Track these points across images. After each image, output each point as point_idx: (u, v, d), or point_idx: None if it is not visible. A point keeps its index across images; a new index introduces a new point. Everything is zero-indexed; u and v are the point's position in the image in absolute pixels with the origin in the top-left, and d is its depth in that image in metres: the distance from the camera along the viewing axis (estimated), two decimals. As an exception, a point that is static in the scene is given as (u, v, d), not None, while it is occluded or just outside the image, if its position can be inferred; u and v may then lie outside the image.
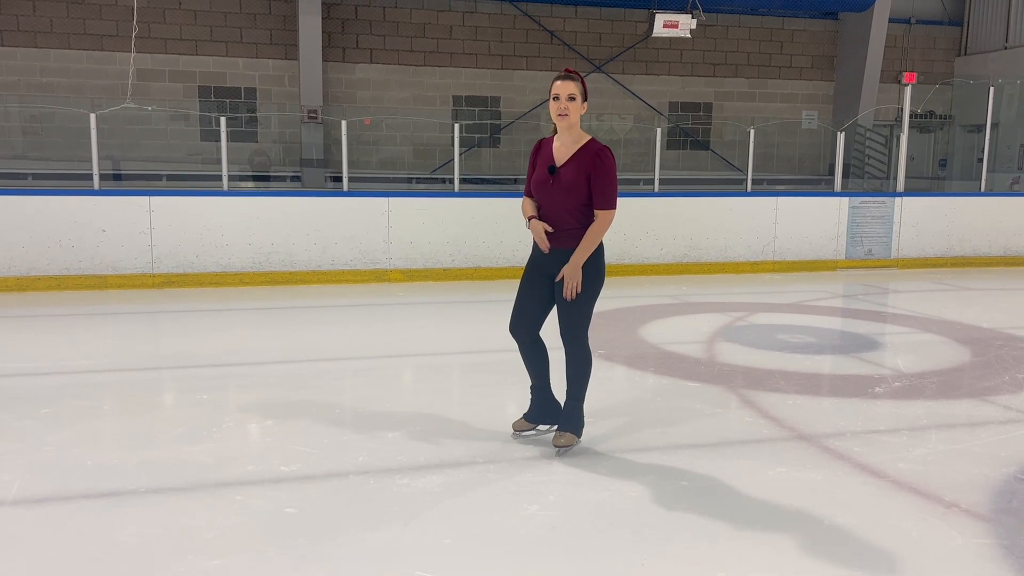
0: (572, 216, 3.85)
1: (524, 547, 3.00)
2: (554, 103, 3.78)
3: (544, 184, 3.87)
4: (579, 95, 3.76)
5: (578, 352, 3.93)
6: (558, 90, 3.75)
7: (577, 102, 3.76)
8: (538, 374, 4.11)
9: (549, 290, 3.96)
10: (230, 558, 2.87)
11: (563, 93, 3.74)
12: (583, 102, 3.78)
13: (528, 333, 4.05)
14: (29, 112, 11.53)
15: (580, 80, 3.82)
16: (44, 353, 6.00)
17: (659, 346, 6.28)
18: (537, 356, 4.09)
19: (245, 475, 3.65)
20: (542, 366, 4.11)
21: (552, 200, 3.86)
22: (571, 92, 3.74)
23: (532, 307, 4.02)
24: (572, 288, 3.77)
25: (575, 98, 3.75)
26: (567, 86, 3.75)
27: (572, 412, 3.98)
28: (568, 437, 3.94)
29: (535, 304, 4.01)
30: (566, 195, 3.81)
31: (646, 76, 14.48)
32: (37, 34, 11.73)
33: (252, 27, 12.62)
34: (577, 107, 3.76)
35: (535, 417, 4.16)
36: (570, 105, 3.74)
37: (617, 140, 14.33)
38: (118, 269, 8.56)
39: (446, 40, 13.53)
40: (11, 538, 3.02)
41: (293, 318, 7.49)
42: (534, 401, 4.15)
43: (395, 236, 9.44)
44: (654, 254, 10.23)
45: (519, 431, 4.19)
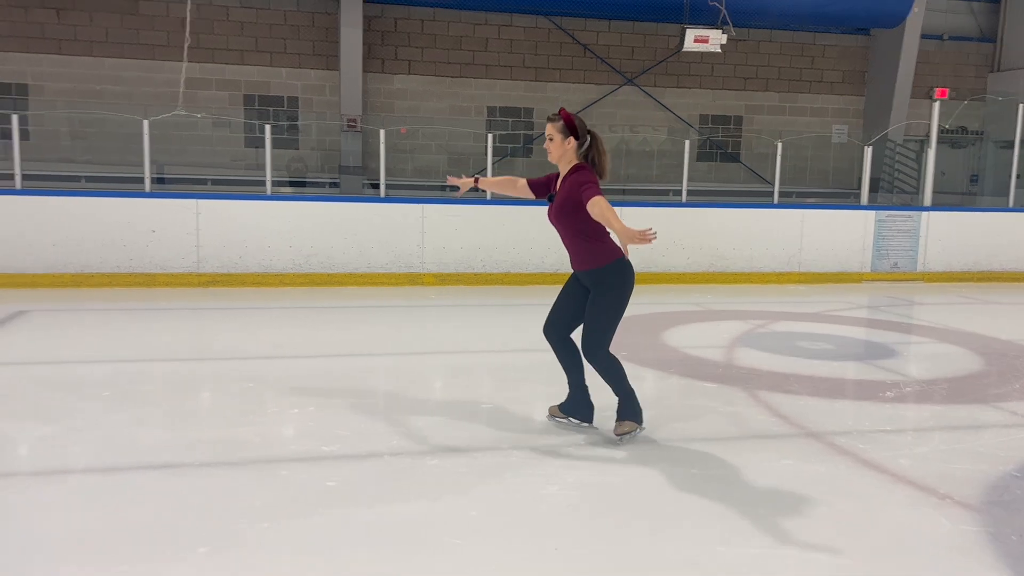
0: (579, 237, 4.20)
1: (544, 522, 3.28)
2: (547, 143, 4.18)
3: (550, 213, 4.31)
4: (557, 134, 4.10)
5: (600, 363, 4.24)
6: (547, 131, 4.18)
7: (556, 141, 4.12)
8: (569, 372, 4.45)
9: (583, 301, 4.27)
10: (277, 522, 3.19)
11: (546, 134, 4.19)
12: (566, 138, 4.12)
13: (557, 334, 4.40)
14: (84, 118, 12.08)
15: (564, 119, 4.16)
16: (100, 344, 6.42)
17: (681, 350, 6.52)
18: (567, 356, 4.43)
19: (288, 454, 3.98)
20: (573, 365, 4.43)
21: (558, 225, 4.27)
22: (549, 133, 4.14)
23: (565, 313, 4.38)
24: (648, 236, 3.67)
25: (552, 138, 4.12)
26: (547, 128, 4.16)
27: (624, 404, 4.28)
28: (626, 425, 4.23)
29: (568, 311, 4.37)
30: (564, 219, 4.18)
31: (677, 89, 14.72)
32: (93, 44, 12.30)
33: (296, 38, 13.09)
34: (557, 145, 4.12)
35: (566, 408, 4.53)
36: (549, 145, 4.15)
37: (649, 152, 14.58)
38: (166, 268, 9.00)
39: (482, 52, 13.90)
40: (84, 501, 3.37)
41: (331, 317, 7.85)
42: (568, 394, 4.50)
43: (429, 241, 9.79)
44: (680, 263, 10.46)
45: (552, 416, 4.59)
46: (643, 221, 10.36)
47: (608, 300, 4.14)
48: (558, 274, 10.13)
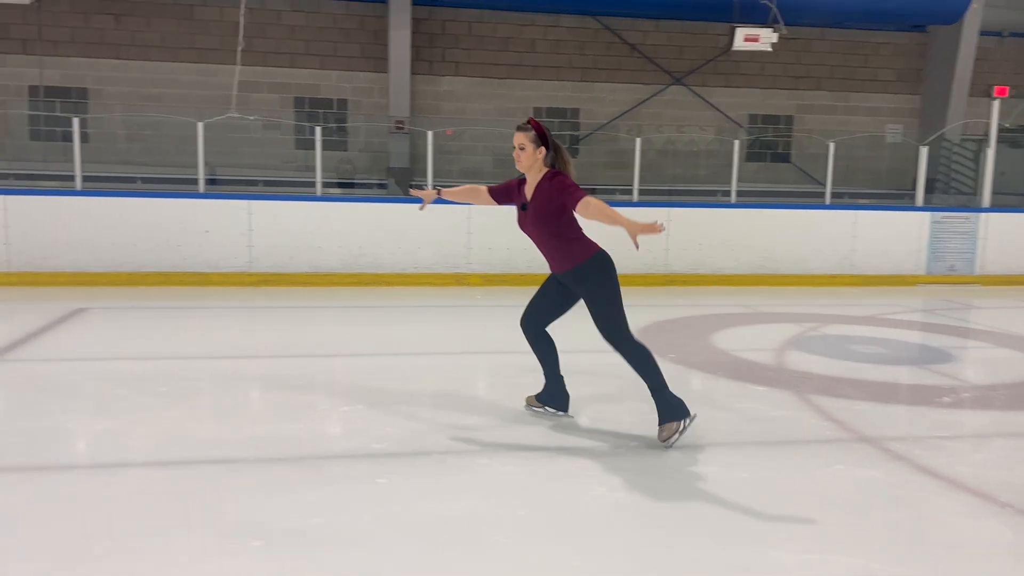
0: (555, 239, 4.30)
1: (592, 523, 3.27)
2: (515, 151, 4.24)
3: (523, 221, 4.37)
4: (529, 143, 4.17)
5: (629, 351, 4.25)
6: (515, 140, 4.22)
7: (527, 150, 4.18)
8: (545, 363, 4.61)
9: (560, 298, 4.46)
10: (328, 518, 3.23)
11: (515, 143, 4.22)
12: (537, 148, 4.18)
13: (533, 329, 4.59)
14: (141, 121, 12.39)
15: (533, 129, 4.21)
16: (156, 341, 6.57)
17: (730, 352, 6.45)
18: (542, 347, 4.62)
19: (340, 450, 4.04)
20: (549, 356, 4.61)
21: (533, 233, 4.34)
22: (520, 143, 4.19)
23: (542, 309, 4.56)
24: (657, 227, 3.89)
25: (524, 147, 4.18)
26: (517, 137, 4.20)
27: (661, 403, 4.24)
28: (668, 428, 4.18)
29: (545, 307, 4.56)
30: (542, 225, 4.26)
31: (726, 89, 14.54)
32: (150, 48, 12.61)
33: (345, 42, 13.26)
34: (527, 155, 4.19)
35: (543, 398, 4.67)
36: (520, 154, 4.20)
37: (697, 152, 14.44)
38: (219, 268, 9.18)
39: (529, 53, 13.91)
40: (142, 495, 3.46)
41: (379, 316, 7.93)
42: (544, 385, 4.64)
43: (475, 242, 9.83)
44: (729, 265, 10.35)
45: (529, 406, 4.73)
46: (691, 221, 10.31)
47: (604, 293, 4.23)
48: (605, 275, 10.09)
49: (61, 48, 12.43)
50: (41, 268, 8.84)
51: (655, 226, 3.76)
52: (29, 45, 12.30)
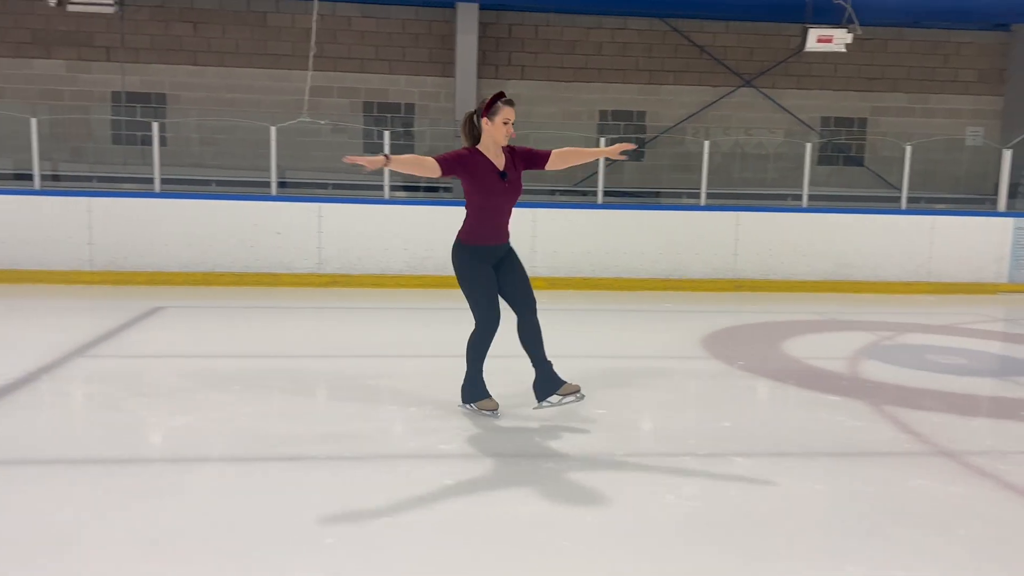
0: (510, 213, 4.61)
1: (660, 531, 3.23)
2: (505, 127, 4.38)
3: (500, 190, 4.45)
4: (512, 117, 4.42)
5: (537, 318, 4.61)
6: (511, 116, 4.38)
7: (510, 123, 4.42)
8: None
9: (496, 276, 4.61)
10: (398, 516, 3.26)
11: (511, 118, 4.39)
12: None
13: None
14: (215, 125, 12.74)
15: None
16: (230, 339, 6.75)
17: (802, 360, 6.30)
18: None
19: (409, 450, 4.07)
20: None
21: (508, 203, 4.52)
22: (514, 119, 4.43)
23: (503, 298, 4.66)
24: (628, 145, 4.47)
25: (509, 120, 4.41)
26: (512, 112, 4.41)
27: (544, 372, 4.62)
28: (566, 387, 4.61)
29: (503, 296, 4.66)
30: (515, 194, 4.54)
31: (797, 91, 14.22)
32: (225, 55, 12.96)
33: (414, 46, 13.40)
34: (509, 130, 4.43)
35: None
36: (511, 128, 4.44)
37: (765, 155, 14.16)
38: (290, 268, 9.38)
39: (595, 56, 13.84)
40: (217, 490, 3.55)
41: (445, 318, 7.97)
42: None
43: (540, 246, 9.83)
44: (800, 271, 10.12)
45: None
46: (760, 226, 10.11)
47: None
48: (669, 280, 9.98)
49: (142, 55, 12.86)
50: (122, 267, 9.16)
51: (626, 145, 4.28)
52: (112, 53, 12.77)
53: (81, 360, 5.72)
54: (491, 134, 4.43)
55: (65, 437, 4.19)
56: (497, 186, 4.46)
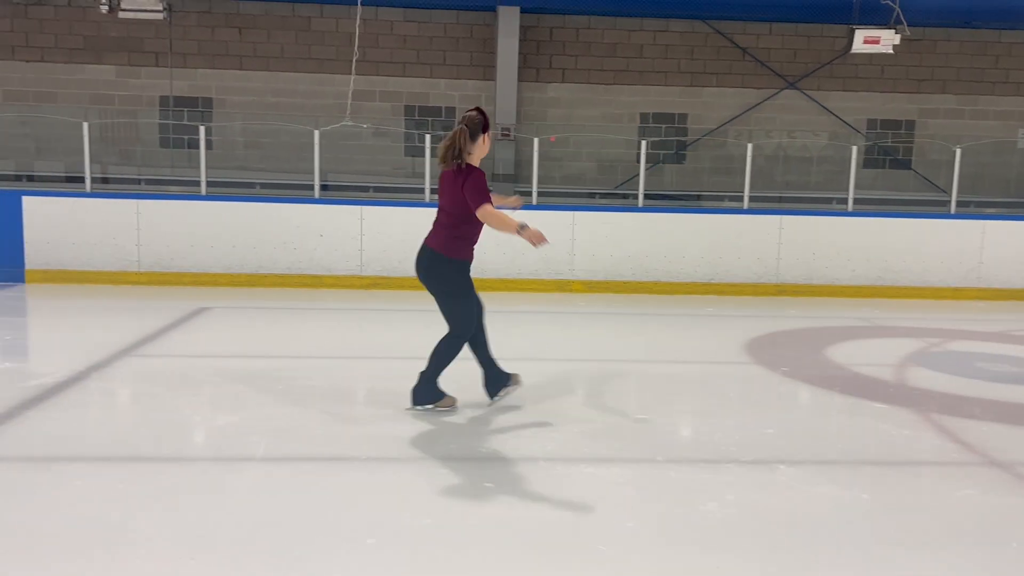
0: None
1: (701, 538, 3.19)
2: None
3: None
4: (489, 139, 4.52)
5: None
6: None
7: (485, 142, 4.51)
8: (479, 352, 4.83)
9: None
10: (438, 518, 3.27)
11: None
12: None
13: None
14: (260, 128, 12.94)
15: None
16: (273, 340, 6.83)
17: (846, 367, 6.19)
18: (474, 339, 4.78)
19: (447, 452, 4.09)
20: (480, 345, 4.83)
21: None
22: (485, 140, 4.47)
23: None
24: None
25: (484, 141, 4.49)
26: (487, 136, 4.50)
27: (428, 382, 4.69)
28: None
29: None
30: None
31: (843, 93, 13.99)
32: (270, 59, 13.16)
33: (455, 50, 13.47)
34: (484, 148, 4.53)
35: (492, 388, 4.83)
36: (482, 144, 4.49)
37: (809, 158, 13.96)
38: (332, 270, 9.49)
39: (636, 59, 13.77)
40: (261, 489, 3.59)
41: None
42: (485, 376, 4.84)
43: (579, 249, 9.81)
44: (845, 275, 9.96)
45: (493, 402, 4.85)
46: (804, 229, 9.98)
47: None
48: (711, 284, 9.89)
49: (189, 60, 13.11)
50: (168, 268, 9.34)
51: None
52: (161, 58, 13.04)
53: (129, 359, 5.85)
54: (484, 150, 4.50)
55: (112, 435, 4.28)
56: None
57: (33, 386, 5.02)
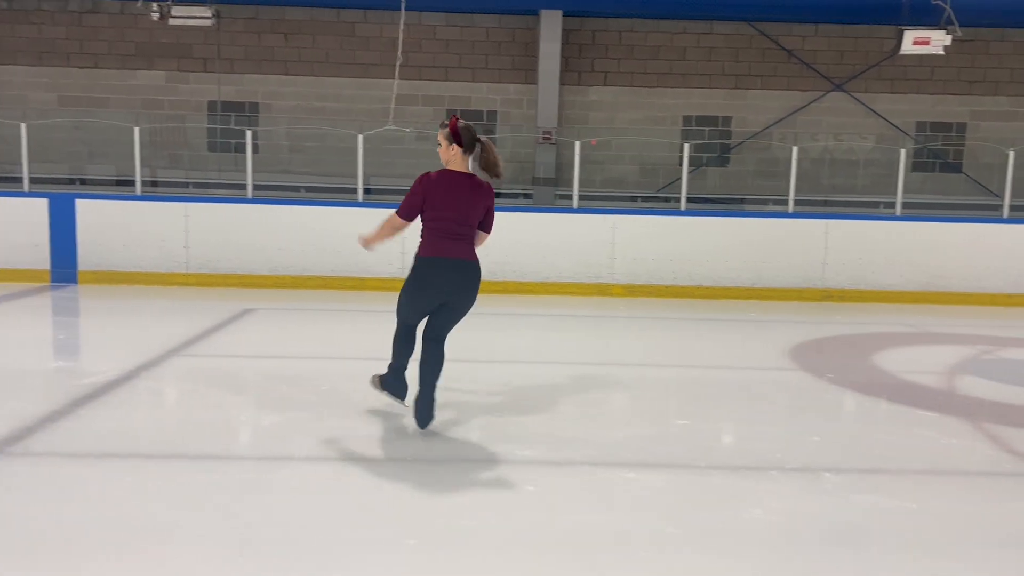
0: None
1: (745, 545, 3.16)
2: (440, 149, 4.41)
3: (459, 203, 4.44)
4: (443, 141, 4.36)
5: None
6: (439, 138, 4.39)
7: (443, 147, 4.37)
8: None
9: None
10: (479, 520, 3.28)
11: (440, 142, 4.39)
12: (449, 145, 4.35)
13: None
14: (305, 133, 13.12)
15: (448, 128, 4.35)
16: (317, 341, 6.92)
17: (894, 374, 6.07)
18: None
19: (489, 455, 4.10)
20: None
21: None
22: (439, 140, 4.38)
23: None
24: None
25: (440, 144, 4.38)
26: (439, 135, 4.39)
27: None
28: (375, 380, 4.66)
29: None
30: None
31: (891, 95, 13.74)
32: (315, 64, 13.35)
33: (496, 54, 13.53)
34: (442, 151, 4.38)
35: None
36: (439, 150, 4.41)
37: (856, 161, 13.73)
38: (374, 273, 9.58)
39: (679, 62, 13.68)
40: (302, 488, 3.64)
41: (522, 325, 8.00)
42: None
43: (619, 252, 9.76)
44: (892, 281, 9.77)
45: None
46: (850, 234, 9.81)
47: None
48: (754, 288, 9.77)
49: (236, 65, 13.36)
50: (215, 270, 9.52)
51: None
52: (209, 63, 13.31)
53: (176, 359, 5.96)
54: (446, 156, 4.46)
55: (160, 433, 4.37)
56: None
57: (85, 384, 5.15)
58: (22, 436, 4.16)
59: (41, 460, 3.89)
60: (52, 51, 13.17)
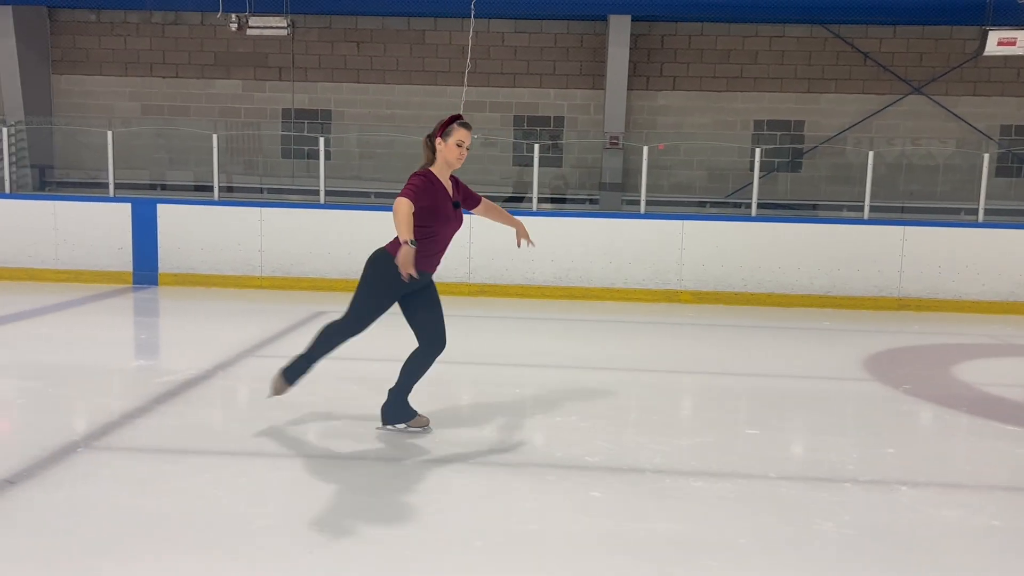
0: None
1: (816, 558, 3.08)
2: (459, 149, 4.15)
3: (452, 218, 4.27)
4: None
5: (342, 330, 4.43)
6: (466, 139, 4.16)
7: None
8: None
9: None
10: (545, 524, 3.29)
11: (468, 142, 4.17)
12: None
13: None
14: (375, 139, 13.36)
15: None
16: (385, 344, 6.99)
17: (974, 386, 5.85)
18: None
19: (555, 460, 4.10)
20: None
21: (453, 231, 4.34)
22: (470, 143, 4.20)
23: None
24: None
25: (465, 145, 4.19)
26: (469, 136, 4.18)
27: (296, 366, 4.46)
28: (277, 382, 4.37)
29: None
30: (459, 226, 4.38)
31: (973, 98, 13.25)
32: (386, 72, 13.59)
33: (564, 60, 13.54)
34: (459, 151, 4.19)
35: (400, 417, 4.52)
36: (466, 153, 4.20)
37: (935, 166, 13.29)
38: (441, 278, 9.62)
39: (750, 65, 13.47)
40: (371, 487, 3.70)
41: (588, 330, 7.98)
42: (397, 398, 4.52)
43: (688, 258, 9.65)
44: (974, 290, 9.41)
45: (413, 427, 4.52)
46: (929, 241, 9.48)
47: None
48: (827, 296, 9.54)
49: (310, 74, 13.69)
50: (288, 274, 9.76)
51: (527, 237, 4.83)
52: (284, 72, 13.68)
53: (251, 359, 6.14)
54: (444, 156, 4.20)
55: (236, 430, 4.50)
56: (452, 214, 4.27)
57: (165, 382, 5.34)
58: (105, 431, 4.34)
59: (122, 454, 4.05)
60: (136, 62, 13.73)
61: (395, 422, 4.48)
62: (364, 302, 4.35)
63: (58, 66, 13.83)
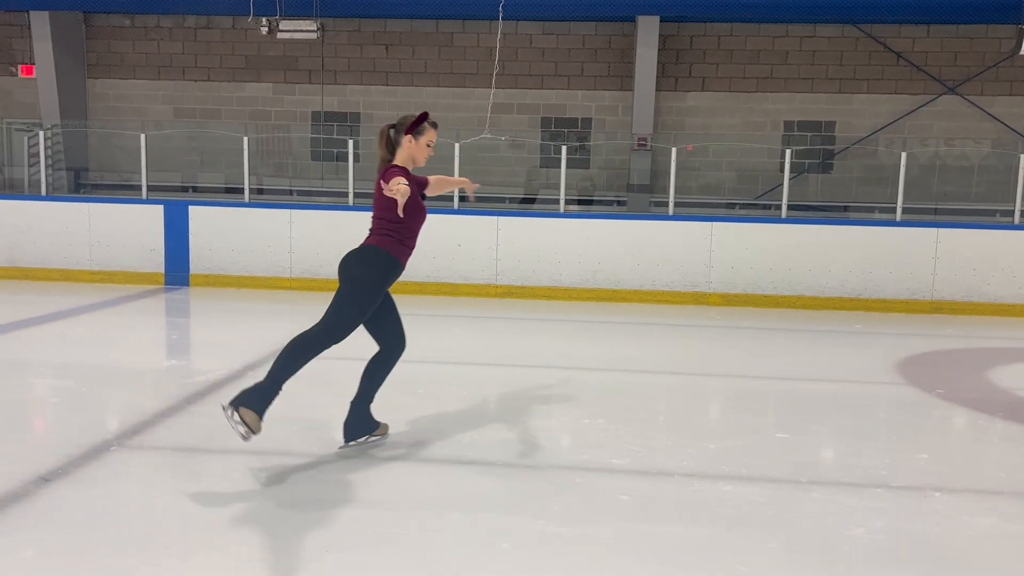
0: None
1: (848, 563, 3.04)
2: (428, 149, 4.13)
3: (422, 210, 4.25)
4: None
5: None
6: (434, 139, 4.14)
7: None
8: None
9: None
10: (573, 528, 3.27)
11: (434, 142, 4.16)
12: None
13: None
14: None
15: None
16: (412, 346, 7.02)
17: (1011, 391, 5.75)
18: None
19: (582, 462, 4.08)
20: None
21: (422, 223, 4.34)
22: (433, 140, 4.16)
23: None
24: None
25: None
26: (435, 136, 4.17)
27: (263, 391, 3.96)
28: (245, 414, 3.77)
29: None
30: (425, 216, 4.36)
31: (1010, 97, 13.03)
32: (414, 75, 13.66)
33: (592, 61, 13.52)
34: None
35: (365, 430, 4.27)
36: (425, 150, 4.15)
37: (970, 167, 13.07)
38: (468, 279, 9.70)
39: (780, 66, 13.35)
40: (401, 489, 3.71)
41: (616, 332, 7.95)
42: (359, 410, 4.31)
43: (716, 260, 9.58)
44: (1011, 293, 9.24)
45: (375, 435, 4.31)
46: (963, 244, 9.34)
47: None
48: (859, 299, 9.43)
49: (340, 77, 13.81)
50: (317, 275, 9.83)
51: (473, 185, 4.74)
52: (314, 75, 13.80)
53: (280, 360, 6.18)
54: (412, 154, 4.11)
55: (266, 430, 4.51)
56: (421, 206, 4.24)
57: (196, 382, 5.41)
58: (138, 430, 4.40)
59: (155, 453, 4.10)
60: (169, 65, 13.93)
61: (358, 436, 4.22)
62: (353, 303, 4.14)
63: (93, 70, 14.07)
